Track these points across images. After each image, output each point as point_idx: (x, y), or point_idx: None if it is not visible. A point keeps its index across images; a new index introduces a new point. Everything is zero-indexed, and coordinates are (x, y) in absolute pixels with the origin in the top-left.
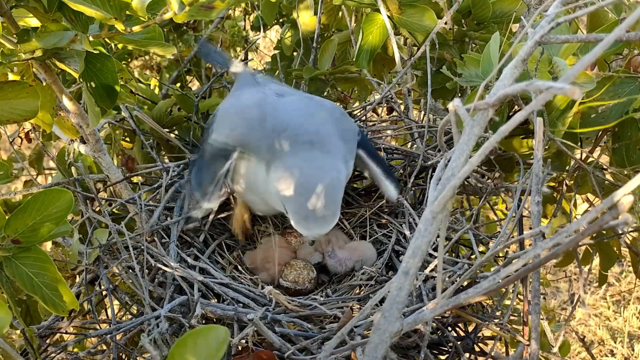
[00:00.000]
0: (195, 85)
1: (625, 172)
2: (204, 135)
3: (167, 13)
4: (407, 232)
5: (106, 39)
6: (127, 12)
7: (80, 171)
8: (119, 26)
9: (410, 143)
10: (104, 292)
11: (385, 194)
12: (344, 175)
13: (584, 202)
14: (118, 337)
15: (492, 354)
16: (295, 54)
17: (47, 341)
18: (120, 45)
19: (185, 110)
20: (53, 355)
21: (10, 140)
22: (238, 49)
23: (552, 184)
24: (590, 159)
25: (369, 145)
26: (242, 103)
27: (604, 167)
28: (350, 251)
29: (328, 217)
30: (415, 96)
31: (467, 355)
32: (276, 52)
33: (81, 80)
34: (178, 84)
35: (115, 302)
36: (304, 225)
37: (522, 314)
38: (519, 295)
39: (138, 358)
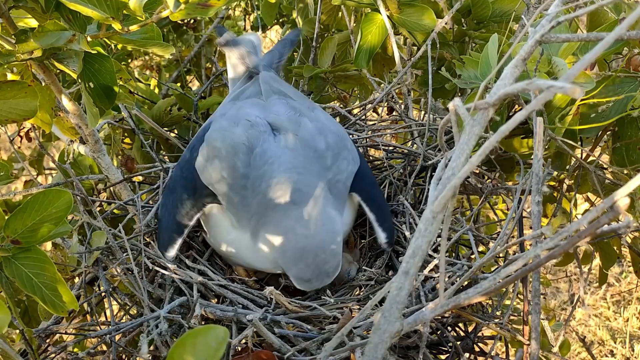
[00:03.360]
0: (195, 85)
1: (626, 172)
2: (184, 154)
3: (164, 12)
4: (407, 233)
5: (105, 39)
6: (125, 12)
7: (70, 173)
8: (116, 26)
9: (410, 142)
10: (103, 294)
11: (378, 240)
12: (339, 225)
13: (584, 201)
14: (117, 337)
15: (492, 354)
16: (295, 54)
17: (47, 341)
18: (119, 46)
19: (185, 110)
20: (53, 355)
21: (11, 140)
22: None
23: (552, 183)
24: (591, 158)
25: (367, 185)
26: (231, 140)
27: (605, 166)
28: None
29: (330, 272)
30: (415, 96)
31: (467, 355)
32: None
33: (80, 80)
34: (178, 84)
35: (115, 303)
36: (307, 286)
37: (522, 313)
38: (519, 295)
39: (138, 359)
